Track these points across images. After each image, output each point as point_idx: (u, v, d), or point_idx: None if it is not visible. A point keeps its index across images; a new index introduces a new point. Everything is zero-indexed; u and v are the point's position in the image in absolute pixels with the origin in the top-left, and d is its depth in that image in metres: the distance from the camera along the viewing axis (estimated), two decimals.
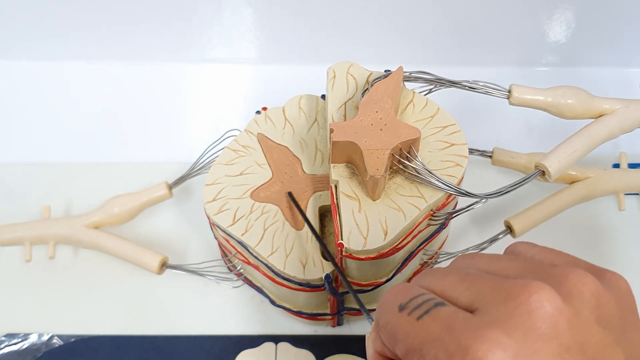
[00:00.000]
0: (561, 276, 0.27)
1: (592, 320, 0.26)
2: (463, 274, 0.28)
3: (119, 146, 0.58)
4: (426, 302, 0.27)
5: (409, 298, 0.27)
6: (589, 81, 0.54)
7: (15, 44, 0.61)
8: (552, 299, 0.26)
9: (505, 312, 0.25)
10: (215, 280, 0.49)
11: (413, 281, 0.30)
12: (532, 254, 0.31)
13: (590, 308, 0.27)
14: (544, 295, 0.26)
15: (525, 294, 0.26)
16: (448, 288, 0.28)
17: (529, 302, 0.25)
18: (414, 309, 0.27)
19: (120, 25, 0.60)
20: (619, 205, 0.54)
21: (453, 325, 0.25)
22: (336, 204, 0.42)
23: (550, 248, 0.31)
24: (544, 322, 0.25)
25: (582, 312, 0.26)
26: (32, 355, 0.49)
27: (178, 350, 0.49)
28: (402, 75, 0.45)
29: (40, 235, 0.51)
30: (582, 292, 0.27)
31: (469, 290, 0.27)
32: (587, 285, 0.27)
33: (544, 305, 0.25)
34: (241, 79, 0.62)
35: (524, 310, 0.25)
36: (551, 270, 0.28)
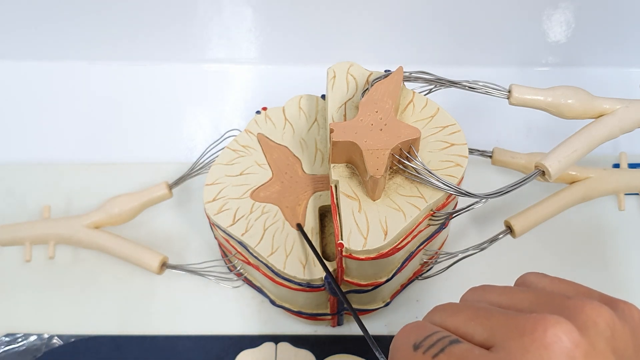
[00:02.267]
0: (576, 308, 0.27)
1: (609, 352, 0.26)
2: (475, 309, 0.28)
3: (119, 146, 0.58)
4: (441, 340, 0.26)
5: (424, 336, 0.27)
6: (589, 81, 0.54)
7: (16, 44, 0.61)
8: (568, 333, 0.25)
9: (522, 347, 0.25)
10: (215, 280, 0.49)
11: (425, 318, 0.29)
12: (543, 285, 0.30)
13: (606, 340, 0.26)
14: (560, 329, 0.25)
15: (541, 328, 0.25)
16: (462, 324, 0.27)
17: (545, 337, 0.25)
18: (429, 348, 0.26)
19: (121, 26, 0.60)
20: (619, 205, 0.54)
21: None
22: (336, 204, 0.42)
23: (561, 278, 0.31)
24: (561, 356, 0.25)
25: (598, 344, 0.26)
26: (32, 355, 0.49)
27: (178, 350, 0.49)
28: (402, 75, 0.45)
29: (40, 235, 0.51)
30: (597, 324, 0.26)
31: (483, 326, 0.27)
32: (602, 316, 0.27)
33: (561, 339, 0.25)
34: (241, 79, 0.62)
35: (540, 345, 0.25)
36: (565, 302, 0.27)
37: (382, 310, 0.48)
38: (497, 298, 0.29)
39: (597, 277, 0.51)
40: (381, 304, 0.48)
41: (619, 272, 0.51)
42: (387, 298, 0.48)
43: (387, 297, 0.48)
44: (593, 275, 0.51)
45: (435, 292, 0.51)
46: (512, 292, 0.29)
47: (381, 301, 0.48)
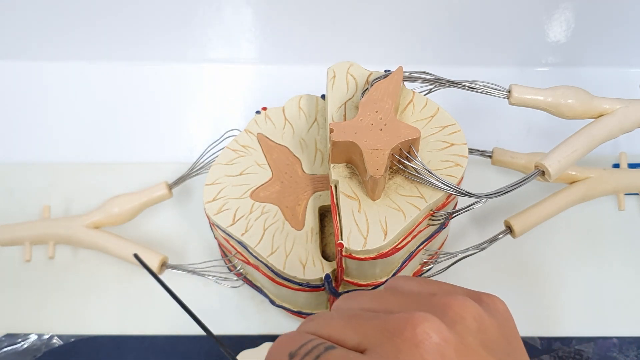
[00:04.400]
0: (442, 305, 0.27)
1: (478, 345, 0.26)
2: (347, 316, 0.28)
3: (119, 146, 0.58)
4: (316, 347, 0.26)
5: (298, 345, 0.27)
6: (589, 81, 0.54)
7: (15, 44, 0.61)
8: (437, 329, 0.26)
9: (394, 348, 0.25)
10: (215, 280, 0.49)
11: (299, 329, 0.29)
12: (409, 287, 0.31)
13: (474, 333, 0.27)
14: (428, 325, 0.26)
15: (410, 327, 0.26)
16: (335, 332, 0.27)
17: (415, 335, 0.25)
18: (304, 356, 0.26)
19: (121, 25, 0.60)
20: (619, 205, 0.54)
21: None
22: (336, 204, 0.42)
23: (427, 279, 0.31)
24: (432, 353, 0.25)
25: (467, 338, 0.26)
26: (32, 355, 0.49)
27: (178, 350, 0.49)
28: (402, 75, 0.45)
29: (40, 235, 0.51)
30: (464, 318, 0.27)
31: (356, 331, 0.27)
32: (469, 310, 0.27)
33: (431, 336, 0.25)
34: (241, 79, 0.62)
35: (411, 344, 0.25)
36: (431, 300, 0.28)
37: None
38: (368, 304, 0.29)
39: (597, 277, 0.51)
40: None
41: (619, 272, 0.52)
42: None
43: None
44: (593, 275, 0.51)
45: None
46: (382, 297, 0.30)
47: None
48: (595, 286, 0.51)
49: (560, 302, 0.50)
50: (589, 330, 0.49)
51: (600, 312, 0.50)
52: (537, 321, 0.50)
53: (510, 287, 0.51)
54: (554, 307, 0.50)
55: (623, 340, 0.49)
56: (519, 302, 0.50)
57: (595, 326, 0.49)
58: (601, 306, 0.50)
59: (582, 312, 0.50)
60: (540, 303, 0.50)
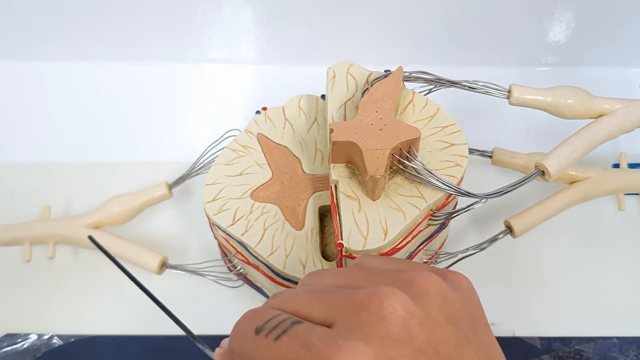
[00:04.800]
0: (408, 279, 0.28)
1: (442, 319, 0.27)
2: (313, 291, 0.28)
3: (119, 146, 0.58)
4: (282, 322, 0.27)
5: (265, 320, 0.27)
6: (589, 81, 0.54)
7: (15, 44, 0.61)
8: (403, 302, 0.26)
9: (360, 321, 0.26)
10: (215, 280, 0.49)
11: (264, 304, 0.29)
12: (375, 264, 0.31)
13: (439, 307, 0.27)
14: (394, 299, 0.26)
15: (377, 300, 0.26)
16: (300, 307, 0.28)
17: (381, 308, 0.26)
18: (270, 330, 0.27)
19: (121, 25, 0.60)
20: (619, 205, 0.54)
21: (311, 341, 0.25)
22: (336, 204, 0.42)
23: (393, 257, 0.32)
24: (397, 326, 0.25)
25: (431, 312, 0.27)
26: (32, 355, 0.49)
27: (178, 350, 0.49)
28: (402, 75, 0.45)
29: (40, 235, 0.51)
30: (429, 293, 0.27)
31: (322, 305, 0.27)
32: (433, 285, 0.28)
33: (397, 310, 0.26)
34: (241, 79, 0.62)
35: (377, 317, 0.26)
36: (397, 275, 0.28)
37: None
38: (333, 280, 0.30)
39: (597, 277, 0.51)
40: None
41: (619, 272, 0.51)
42: None
43: None
44: (593, 275, 0.51)
45: None
46: (347, 273, 0.30)
47: None
48: (595, 286, 0.51)
49: (560, 302, 0.50)
50: (589, 330, 0.49)
51: (600, 312, 0.50)
52: (537, 321, 0.49)
53: (510, 287, 0.51)
54: (554, 307, 0.50)
55: (623, 340, 0.49)
56: (518, 302, 0.50)
57: (595, 326, 0.49)
58: (601, 306, 0.50)
59: (582, 312, 0.50)
60: (540, 303, 0.50)
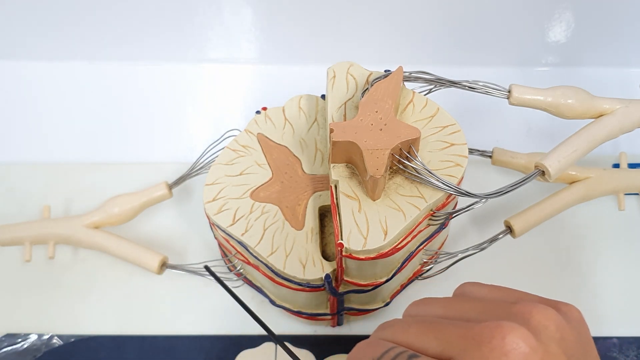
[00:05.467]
0: (524, 313, 0.27)
1: (561, 353, 0.26)
2: (426, 323, 0.28)
3: (119, 146, 0.58)
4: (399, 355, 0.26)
5: (380, 353, 0.27)
6: (589, 81, 0.54)
7: (15, 44, 0.61)
8: (525, 338, 0.26)
9: (481, 356, 0.25)
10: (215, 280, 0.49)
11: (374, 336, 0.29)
12: (482, 293, 0.31)
13: (557, 342, 0.27)
14: (517, 334, 0.26)
15: (499, 336, 0.26)
16: (414, 339, 0.27)
17: (504, 345, 0.25)
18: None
19: (121, 25, 0.60)
20: (619, 205, 0.54)
21: None
22: (336, 204, 0.42)
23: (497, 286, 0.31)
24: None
25: (551, 347, 0.26)
26: (32, 355, 0.49)
27: (178, 350, 0.49)
28: (402, 75, 0.45)
29: (40, 235, 0.51)
30: (548, 327, 0.27)
31: (438, 339, 0.27)
32: (552, 319, 0.27)
33: (520, 346, 0.25)
34: (241, 79, 0.62)
35: (500, 353, 0.25)
36: (512, 309, 0.28)
37: (382, 310, 0.48)
38: (442, 310, 0.29)
39: (597, 277, 0.51)
40: (381, 304, 0.48)
41: (619, 272, 0.51)
42: (387, 298, 0.48)
43: (387, 297, 0.48)
44: (593, 275, 0.51)
45: (435, 292, 0.50)
46: (456, 303, 0.29)
47: (381, 301, 0.48)
48: (595, 286, 0.51)
49: None
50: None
51: (600, 312, 0.50)
52: None
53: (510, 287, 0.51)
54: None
55: (623, 340, 0.49)
56: None
57: (595, 326, 0.49)
58: (601, 306, 0.50)
59: (582, 312, 0.50)
60: None
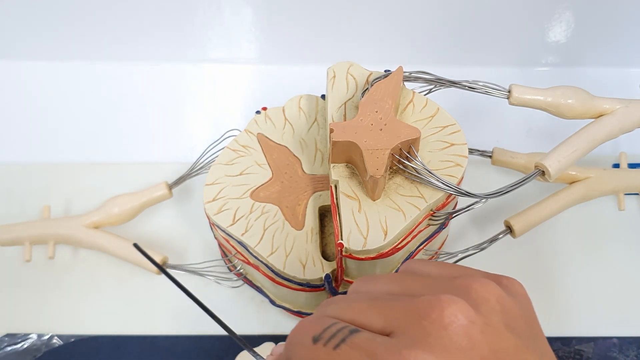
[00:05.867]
0: (466, 287, 0.27)
1: (502, 327, 0.26)
2: (369, 299, 0.28)
3: (119, 146, 0.58)
4: (341, 331, 0.26)
5: (322, 329, 0.27)
6: (589, 81, 0.54)
7: (15, 44, 0.61)
8: (464, 311, 0.26)
9: (422, 330, 0.25)
10: (215, 280, 0.49)
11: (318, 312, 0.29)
12: (427, 269, 0.31)
13: (498, 315, 0.27)
14: (456, 308, 0.26)
15: (438, 309, 0.26)
16: (357, 315, 0.27)
17: (442, 317, 0.25)
18: (329, 339, 0.26)
19: (121, 25, 0.60)
20: (619, 205, 0.54)
21: (373, 350, 0.25)
22: (336, 204, 0.42)
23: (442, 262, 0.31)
24: (460, 335, 0.25)
25: (492, 319, 0.26)
26: (32, 355, 0.49)
27: (178, 350, 0.49)
28: (402, 75, 0.45)
29: (40, 235, 0.51)
30: (488, 300, 0.27)
31: (380, 314, 0.27)
32: (492, 292, 0.27)
33: (459, 318, 0.25)
34: (241, 79, 0.62)
35: (440, 326, 0.25)
36: (454, 283, 0.28)
37: None
38: (386, 287, 0.29)
39: (597, 277, 0.51)
40: None
41: (619, 272, 0.51)
42: None
43: None
44: (593, 275, 0.51)
45: None
46: (401, 280, 0.29)
47: None
48: (595, 286, 0.51)
49: (560, 302, 0.50)
50: (589, 330, 0.49)
51: (600, 312, 0.50)
52: None
53: None
54: (554, 307, 0.50)
55: (623, 340, 0.49)
56: None
57: (595, 326, 0.49)
58: (601, 306, 0.50)
59: (582, 312, 0.50)
60: (540, 303, 0.50)
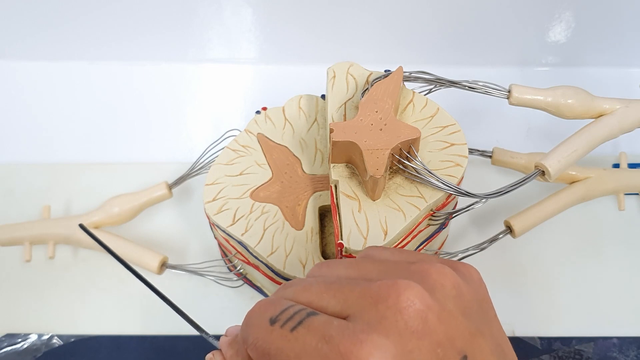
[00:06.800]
0: (422, 272, 0.28)
1: (457, 312, 0.27)
2: (326, 283, 0.28)
3: (119, 146, 0.58)
4: (298, 313, 0.26)
5: (279, 310, 0.27)
6: (589, 81, 0.54)
7: (15, 44, 0.61)
8: (420, 295, 0.26)
9: (378, 314, 0.26)
10: (215, 280, 0.49)
11: (276, 294, 0.29)
12: (384, 255, 0.31)
13: (453, 300, 0.27)
14: (412, 292, 0.26)
15: (394, 294, 0.26)
16: (315, 298, 0.27)
17: (399, 302, 0.26)
18: (286, 321, 0.26)
19: (121, 25, 0.60)
20: (619, 205, 0.54)
21: (329, 334, 0.25)
22: (336, 204, 0.42)
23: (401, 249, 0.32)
24: (415, 319, 0.25)
25: (447, 304, 0.27)
26: (32, 355, 0.49)
27: (178, 350, 0.49)
28: (402, 75, 0.45)
29: (40, 235, 0.51)
30: (444, 285, 0.27)
31: (337, 297, 0.27)
32: (448, 277, 0.28)
33: (414, 303, 0.26)
34: (241, 79, 0.62)
35: (395, 311, 0.26)
36: (411, 268, 0.28)
37: None
38: (344, 271, 0.29)
39: (598, 277, 0.51)
40: None
41: (619, 272, 0.51)
42: None
43: None
44: (593, 275, 0.51)
45: None
46: (358, 264, 0.30)
47: None
48: (596, 286, 0.51)
49: (560, 302, 0.50)
50: (589, 330, 0.49)
51: (600, 312, 0.50)
52: (537, 321, 0.49)
53: (510, 287, 0.51)
54: (554, 307, 0.50)
55: (623, 340, 0.49)
56: (518, 302, 0.50)
57: (595, 326, 0.49)
58: (601, 306, 0.50)
59: (582, 312, 0.50)
60: (540, 303, 0.50)
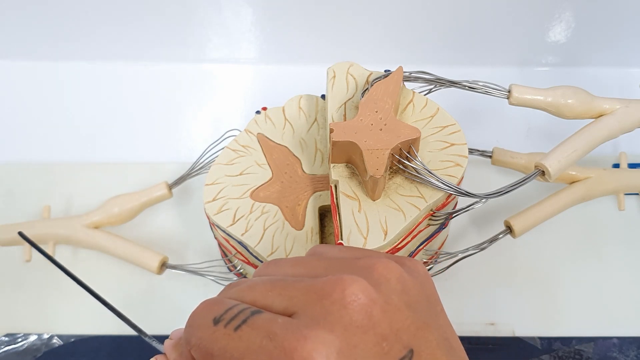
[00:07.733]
0: (367, 267, 0.28)
1: (403, 305, 0.27)
2: (271, 281, 0.28)
3: (119, 146, 0.58)
4: (242, 312, 0.26)
5: (223, 310, 0.27)
6: (589, 81, 0.54)
7: (15, 44, 0.61)
8: (364, 290, 0.26)
9: (322, 310, 0.26)
10: (215, 280, 0.49)
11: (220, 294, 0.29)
12: (333, 253, 0.31)
13: (398, 294, 0.27)
14: (356, 287, 0.26)
15: (339, 288, 0.26)
16: (259, 296, 0.27)
17: (343, 296, 0.26)
18: (230, 321, 0.26)
19: (120, 25, 0.60)
20: (619, 205, 0.54)
21: (273, 331, 0.25)
22: (336, 204, 0.42)
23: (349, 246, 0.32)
24: (360, 313, 0.26)
25: (392, 298, 0.27)
26: (32, 355, 0.49)
27: None
28: (402, 75, 0.45)
29: (40, 235, 0.51)
30: (389, 280, 0.27)
31: (282, 295, 0.27)
32: (393, 272, 0.28)
33: (359, 297, 0.26)
34: (241, 79, 0.62)
35: (340, 306, 0.26)
36: (357, 263, 0.28)
37: None
38: (290, 269, 0.29)
39: (597, 277, 0.51)
40: None
41: (619, 272, 0.51)
42: None
43: None
44: (593, 275, 0.51)
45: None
46: (305, 262, 0.30)
47: None
48: (595, 286, 0.51)
49: (560, 302, 0.50)
50: (589, 330, 0.49)
51: (600, 312, 0.50)
52: (537, 321, 0.50)
53: (510, 287, 0.51)
54: (554, 307, 0.50)
55: (623, 340, 0.49)
56: (518, 302, 0.50)
57: (595, 326, 0.49)
58: (601, 306, 0.50)
59: (582, 312, 0.50)
60: (540, 303, 0.50)
